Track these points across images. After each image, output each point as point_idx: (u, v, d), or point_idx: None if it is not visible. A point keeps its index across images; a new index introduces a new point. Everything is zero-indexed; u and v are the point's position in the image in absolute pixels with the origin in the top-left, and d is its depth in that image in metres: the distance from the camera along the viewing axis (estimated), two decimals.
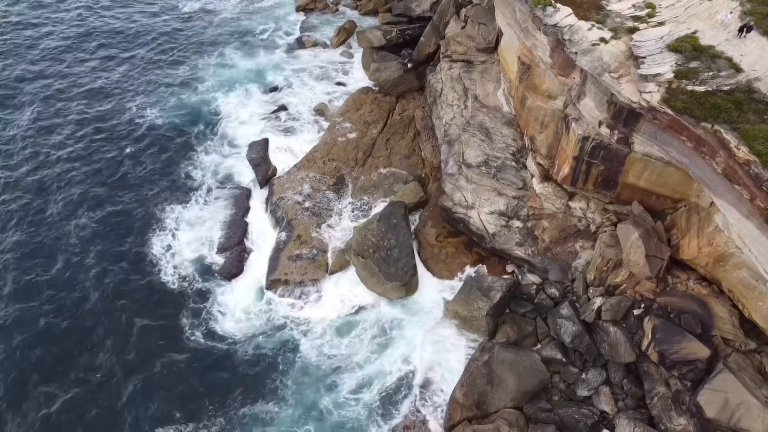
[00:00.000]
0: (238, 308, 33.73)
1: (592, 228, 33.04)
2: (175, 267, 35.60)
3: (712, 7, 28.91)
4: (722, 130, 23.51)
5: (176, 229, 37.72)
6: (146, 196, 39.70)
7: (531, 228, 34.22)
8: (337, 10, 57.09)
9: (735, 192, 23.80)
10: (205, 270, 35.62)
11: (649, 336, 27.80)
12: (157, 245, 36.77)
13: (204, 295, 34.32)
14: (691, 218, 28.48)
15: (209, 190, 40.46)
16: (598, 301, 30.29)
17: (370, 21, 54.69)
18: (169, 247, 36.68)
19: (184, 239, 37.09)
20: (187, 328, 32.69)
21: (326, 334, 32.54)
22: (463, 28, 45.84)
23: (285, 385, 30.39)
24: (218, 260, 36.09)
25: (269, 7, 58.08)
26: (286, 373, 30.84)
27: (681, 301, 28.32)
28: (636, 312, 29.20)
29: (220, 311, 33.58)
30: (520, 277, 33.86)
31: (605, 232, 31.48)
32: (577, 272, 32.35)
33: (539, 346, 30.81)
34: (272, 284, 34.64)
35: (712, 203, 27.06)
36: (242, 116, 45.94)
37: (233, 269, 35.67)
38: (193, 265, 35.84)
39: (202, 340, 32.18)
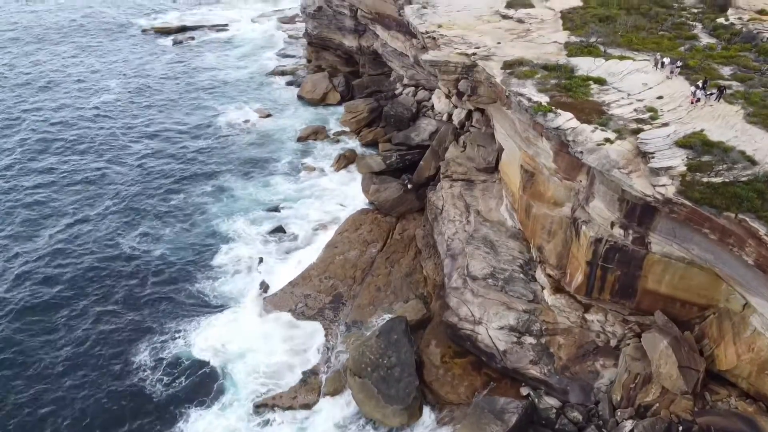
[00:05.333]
0: None
1: (613, 343, 30.06)
2: (157, 380, 32.87)
3: (715, 110, 28.84)
4: (748, 219, 21.90)
5: (169, 343, 35.24)
6: (145, 316, 37.64)
7: (546, 344, 31.17)
8: (338, 141, 58.40)
9: None
10: (187, 387, 32.49)
11: None
12: (145, 360, 34.13)
13: (179, 415, 30.95)
14: (723, 325, 25.78)
15: (207, 312, 37.88)
16: (628, 425, 26.58)
17: (370, 152, 55.56)
18: (156, 363, 34.00)
19: (171, 357, 34.28)
20: None
21: None
22: (462, 151, 46.31)
23: None
24: (201, 379, 32.86)
25: (272, 139, 59.47)
26: None
27: (725, 421, 24.65)
28: None
29: None
30: (536, 400, 30.14)
31: (628, 344, 28.50)
32: (601, 393, 28.80)
33: None
34: (258, 409, 30.85)
35: (745, 305, 24.62)
36: (243, 240, 44.69)
37: (215, 391, 32.11)
38: (176, 380, 32.92)
39: None
